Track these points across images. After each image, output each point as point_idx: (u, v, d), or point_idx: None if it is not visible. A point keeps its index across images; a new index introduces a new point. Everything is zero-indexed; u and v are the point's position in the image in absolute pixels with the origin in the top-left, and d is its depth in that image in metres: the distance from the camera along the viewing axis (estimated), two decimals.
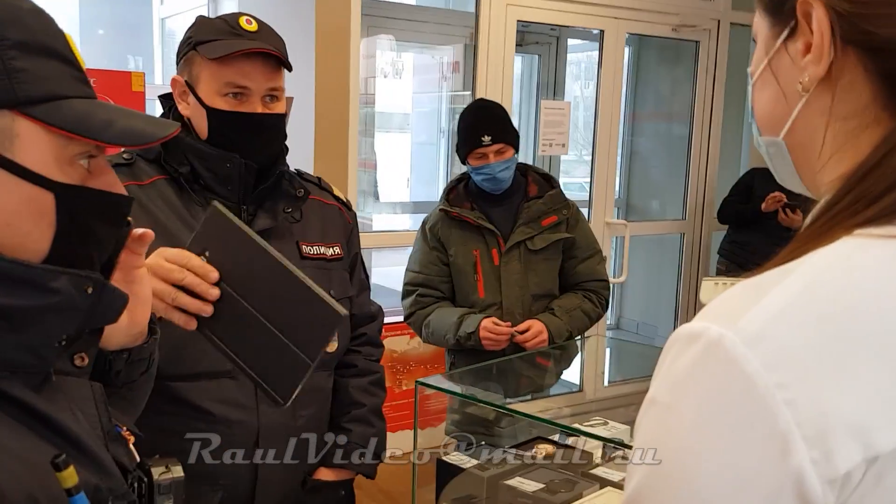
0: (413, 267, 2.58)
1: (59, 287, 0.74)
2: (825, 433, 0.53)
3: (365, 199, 4.96)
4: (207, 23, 1.52)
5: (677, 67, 5.46)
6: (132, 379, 0.97)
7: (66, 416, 0.77)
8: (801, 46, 0.66)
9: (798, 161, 0.70)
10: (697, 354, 0.57)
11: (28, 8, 0.75)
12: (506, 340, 2.38)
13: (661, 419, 0.59)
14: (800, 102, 0.67)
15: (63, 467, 0.70)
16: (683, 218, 5.11)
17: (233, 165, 1.50)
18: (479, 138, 2.41)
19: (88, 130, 0.75)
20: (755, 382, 0.54)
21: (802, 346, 0.55)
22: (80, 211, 0.77)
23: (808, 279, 0.58)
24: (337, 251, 1.66)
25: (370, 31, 4.45)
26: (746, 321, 0.56)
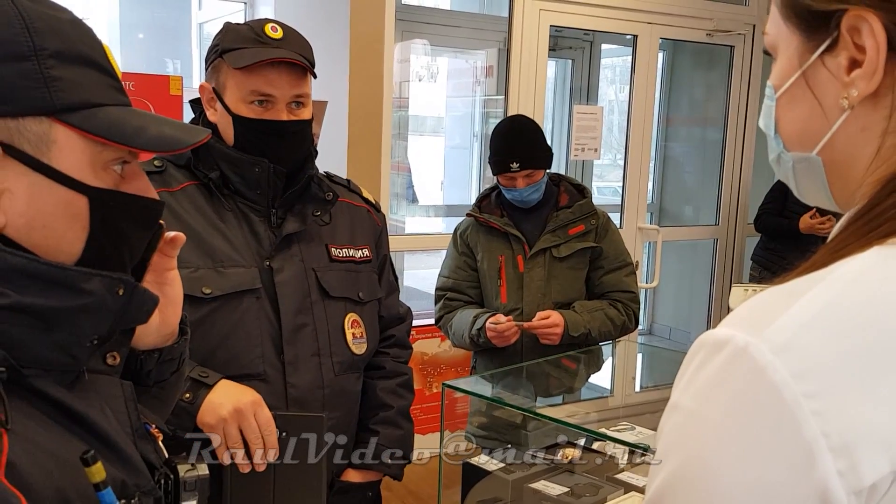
0: (444, 272, 2.61)
1: (92, 289, 0.76)
2: (852, 444, 0.52)
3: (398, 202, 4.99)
4: (234, 30, 1.53)
5: (711, 72, 5.42)
6: (163, 378, 0.99)
7: (96, 413, 0.80)
8: (844, 61, 0.64)
9: (833, 177, 0.68)
10: (724, 362, 0.57)
11: (67, 18, 0.79)
12: (513, 334, 2.37)
13: (685, 425, 0.59)
14: (841, 118, 0.65)
15: (91, 462, 0.72)
16: (717, 223, 5.07)
17: (261, 170, 1.52)
18: (507, 165, 2.42)
19: (122, 136, 0.78)
20: (782, 392, 0.53)
21: (831, 356, 0.54)
22: (113, 214, 0.79)
23: (838, 289, 0.57)
24: (366, 253, 1.68)
25: (404, 35, 4.49)
26: (775, 329, 0.55)
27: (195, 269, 1.46)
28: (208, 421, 1.38)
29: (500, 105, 4.30)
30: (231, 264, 1.51)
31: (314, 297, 1.56)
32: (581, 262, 2.49)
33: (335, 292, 1.59)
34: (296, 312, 1.54)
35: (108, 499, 0.73)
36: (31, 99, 0.73)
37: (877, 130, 0.63)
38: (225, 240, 1.52)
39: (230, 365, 1.47)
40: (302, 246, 1.58)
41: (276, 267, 1.54)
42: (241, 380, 1.46)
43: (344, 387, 1.60)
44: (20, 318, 0.73)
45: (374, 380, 1.71)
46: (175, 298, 0.96)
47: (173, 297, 0.96)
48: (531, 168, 2.42)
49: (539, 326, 2.36)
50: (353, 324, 1.62)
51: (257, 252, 1.54)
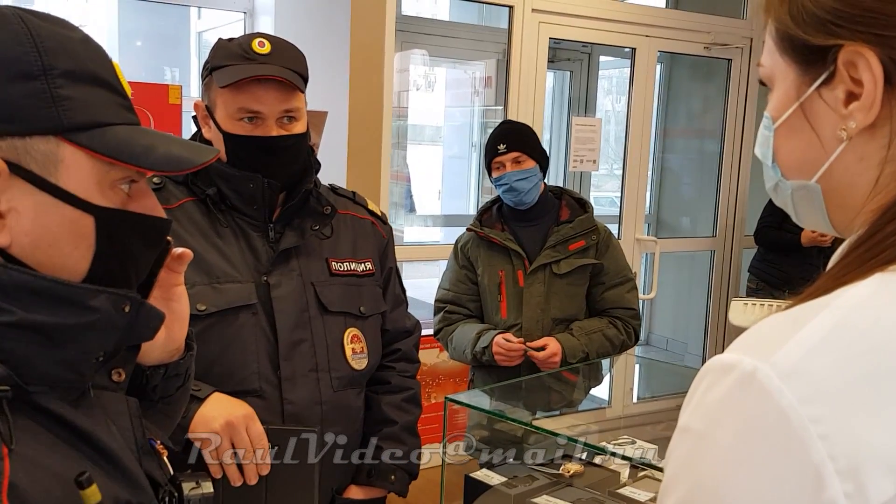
0: (444, 284, 2.62)
1: (98, 305, 0.76)
2: (858, 467, 0.53)
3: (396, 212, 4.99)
4: (223, 47, 1.52)
5: (709, 85, 5.44)
6: (169, 394, 0.99)
7: (101, 430, 0.79)
8: (841, 94, 0.65)
9: (832, 204, 0.70)
10: (731, 386, 0.58)
11: (78, 38, 0.79)
12: (518, 356, 2.37)
13: (695, 448, 0.60)
14: (839, 148, 0.66)
15: (87, 485, 0.71)
16: (714, 235, 5.08)
17: (256, 185, 1.52)
18: (495, 147, 2.45)
19: (130, 156, 0.77)
20: (789, 416, 0.55)
21: (836, 381, 0.55)
22: (119, 233, 0.79)
23: (841, 315, 0.58)
24: (368, 266, 1.67)
25: (404, 45, 4.49)
26: (782, 355, 0.57)
27: (191, 285, 1.44)
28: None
29: (499, 115, 4.31)
30: (227, 280, 1.50)
31: (312, 311, 1.55)
32: (581, 279, 2.49)
33: (334, 307, 1.58)
34: (293, 328, 1.53)
35: None
36: (39, 119, 0.73)
37: (874, 159, 0.65)
38: (221, 256, 1.51)
39: (226, 381, 1.46)
40: (301, 261, 1.57)
41: (273, 282, 1.53)
42: (236, 396, 1.46)
43: (343, 402, 1.59)
44: (26, 335, 0.73)
45: (380, 394, 1.70)
46: (181, 314, 0.97)
47: (180, 313, 0.96)
48: (518, 151, 2.43)
49: (536, 357, 2.36)
50: (353, 339, 1.61)
51: (255, 267, 1.53)
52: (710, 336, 5.13)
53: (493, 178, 2.50)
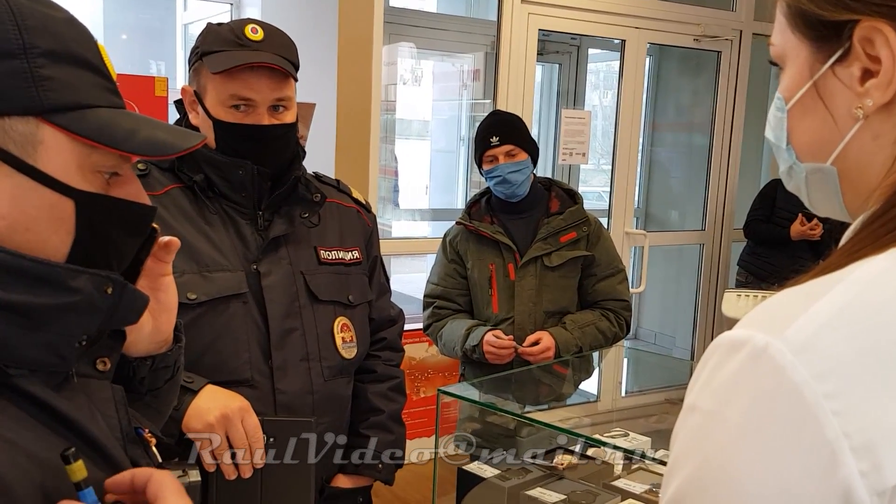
0: (433, 279, 2.59)
1: (79, 286, 0.74)
2: (874, 445, 0.52)
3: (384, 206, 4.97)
4: (214, 32, 1.49)
5: (698, 78, 5.44)
6: (157, 386, 0.97)
7: (84, 416, 0.78)
8: (857, 72, 0.64)
9: (846, 185, 0.68)
10: (742, 362, 0.56)
11: (62, 17, 0.76)
12: (509, 354, 2.36)
13: (704, 426, 0.58)
14: (854, 127, 0.65)
15: (73, 460, 0.70)
16: (703, 229, 5.08)
17: (245, 172, 1.49)
18: (488, 140, 2.42)
19: (111, 139, 0.75)
20: (803, 392, 0.53)
21: (851, 356, 0.54)
22: (100, 219, 0.77)
23: (856, 290, 0.57)
24: (356, 255, 1.65)
25: (391, 38, 4.47)
26: (794, 330, 0.55)
27: (180, 274, 1.41)
28: (194, 427, 1.35)
29: (488, 109, 4.29)
30: (217, 268, 1.47)
31: (302, 300, 1.53)
32: (573, 271, 2.47)
33: (324, 296, 1.56)
34: (284, 317, 1.51)
35: (90, 499, 0.71)
36: (18, 98, 0.71)
37: (889, 138, 0.64)
38: (210, 244, 1.49)
39: (217, 371, 1.44)
40: (290, 249, 1.55)
41: (264, 270, 1.51)
42: (228, 386, 1.43)
43: (334, 391, 1.57)
44: (5, 317, 0.71)
45: (365, 384, 1.69)
46: (169, 305, 0.94)
47: (167, 304, 0.94)
48: (511, 144, 2.41)
49: (531, 353, 2.35)
50: (343, 327, 1.59)
51: (244, 256, 1.51)
52: (698, 330, 5.14)
53: (484, 171, 2.47)
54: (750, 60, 4.91)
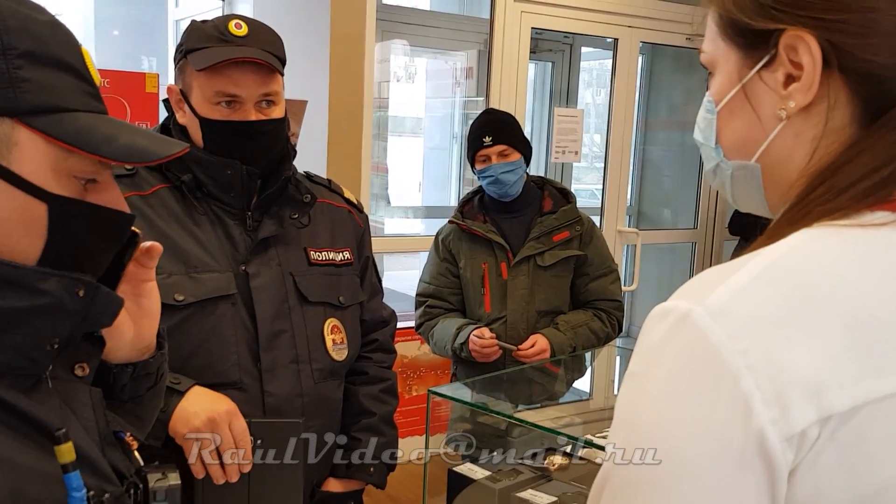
0: (425, 278, 2.58)
1: (48, 289, 0.73)
2: (781, 394, 0.57)
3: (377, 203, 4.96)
4: (198, 29, 1.47)
5: (691, 76, 5.44)
6: (138, 394, 0.95)
7: (55, 419, 0.76)
8: (781, 76, 0.69)
9: (768, 181, 0.74)
10: (668, 327, 0.62)
11: (44, 20, 0.75)
12: (494, 352, 2.35)
13: (636, 387, 0.64)
14: (777, 127, 0.71)
15: (63, 440, 0.70)
16: (695, 227, 5.09)
17: (234, 172, 1.47)
18: (480, 139, 2.41)
19: (88, 144, 0.74)
20: (720, 351, 0.59)
21: (762, 317, 0.60)
22: (74, 224, 0.76)
23: (769, 260, 0.64)
24: (346, 256, 1.64)
25: (384, 35, 4.45)
26: (714, 297, 0.61)
27: (167, 275, 1.41)
28: (181, 431, 1.34)
29: (481, 106, 4.28)
30: (205, 269, 1.46)
31: (292, 302, 1.52)
32: (565, 271, 2.47)
33: (314, 297, 1.55)
34: (273, 318, 1.49)
35: (75, 482, 0.71)
36: None
37: (808, 136, 0.70)
38: (199, 244, 1.47)
39: (205, 373, 1.42)
40: (279, 250, 1.54)
41: (252, 272, 1.49)
42: (216, 388, 1.42)
43: (324, 394, 1.56)
44: None
45: (357, 385, 1.68)
46: (151, 311, 0.93)
47: (149, 310, 0.92)
48: (504, 144, 2.40)
49: (526, 356, 2.35)
50: (333, 329, 1.58)
51: (232, 257, 1.49)
52: None
53: (477, 170, 2.47)
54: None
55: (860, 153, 0.66)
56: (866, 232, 0.64)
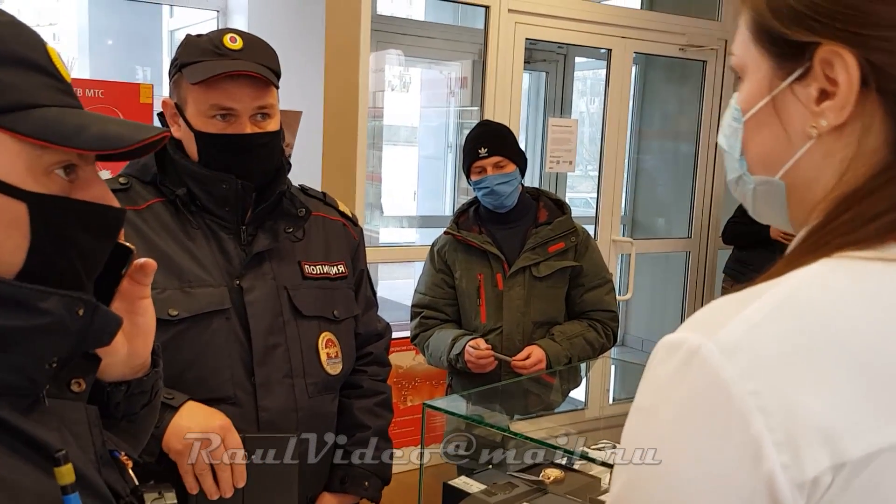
0: (420, 289, 2.58)
1: (49, 308, 0.72)
2: (794, 438, 0.55)
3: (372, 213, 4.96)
4: (193, 43, 1.48)
5: (684, 86, 5.46)
6: (133, 412, 0.93)
7: (54, 438, 0.75)
8: (814, 92, 0.65)
9: (792, 199, 0.71)
10: (678, 362, 0.59)
11: (4, 20, 0.74)
12: (490, 363, 2.35)
13: (643, 422, 0.62)
14: (806, 144, 0.67)
15: (63, 462, 0.69)
16: (689, 236, 5.10)
17: (229, 186, 1.47)
18: (476, 151, 2.42)
19: (58, 136, 0.72)
20: (731, 390, 0.56)
21: (776, 356, 0.57)
22: (58, 222, 0.74)
23: (784, 294, 0.60)
24: (341, 269, 1.64)
25: (379, 45, 4.46)
26: (725, 332, 0.58)
27: (162, 290, 1.40)
28: (174, 446, 1.33)
29: (475, 116, 4.29)
30: (199, 284, 1.46)
31: (286, 316, 1.52)
32: (561, 281, 2.47)
33: (308, 311, 1.55)
34: (267, 333, 1.49)
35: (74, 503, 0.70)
36: None
37: (838, 156, 0.66)
38: (193, 259, 1.47)
39: (199, 388, 1.42)
40: (273, 264, 1.53)
41: (247, 286, 1.49)
42: (210, 403, 1.41)
43: (318, 408, 1.56)
44: None
45: (352, 399, 1.67)
46: (146, 329, 0.91)
47: (144, 328, 0.91)
48: (500, 155, 2.41)
49: (523, 366, 2.34)
50: (328, 343, 1.58)
51: (227, 271, 1.49)
52: None
53: (472, 182, 2.47)
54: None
55: (890, 181, 0.63)
56: (890, 267, 0.60)
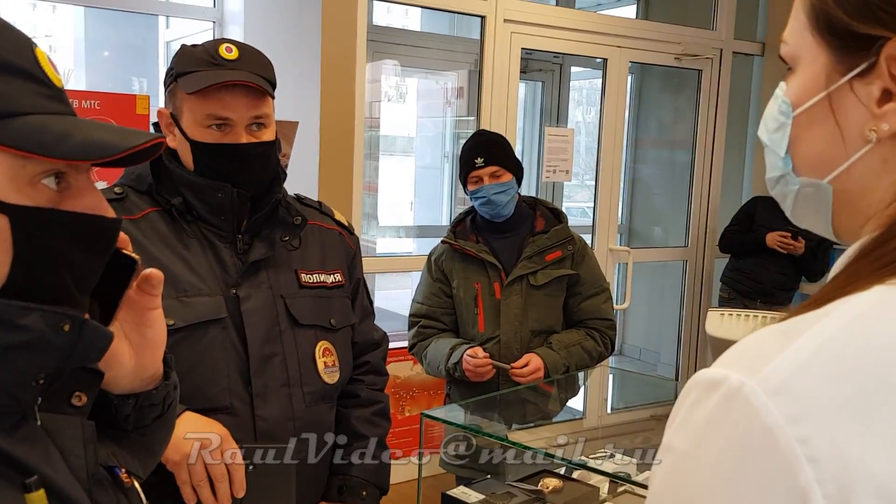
0: (417, 298, 2.58)
1: (30, 324, 0.69)
2: (847, 493, 0.50)
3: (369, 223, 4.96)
4: (188, 52, 1.47)
5: (680, 95, 5.48)
6: (143, 424, 0.90)
7: (37, 457, 0.72)
8: (876, 91, 0.59)
9: (841, 206, 0.64)
10: (718, 403, 0.54)
11: None
12: (487, 372, 2.35)
13: (679, 467, 0.57)
14: (863, 149, 0.60)
15: (34, 489, 0.67)
16: (686, 245, 5.10)
17: (224, 195, 1.47)
18: (472, 161, 2.42)
19: (39, 146, 0.68)
20: (776, 436, 0.51)
21: (827, 399, 0.52)
22: (44, 235, 0.70)
23: (834, 330, 0.54)
24: (338, 278, 1.63)
25: (375, 56, 4.47)
26: (770, 370, 0.53)
27: None
28: (172, 457, 1.32)
29: (472, 126, 4.29)
30: (195, 293, 1.45)
31: (283, 325, 1.51)
32: (558, 290, 2.47)
33: (305, 320, 1.54)
34: (263, 342, 1.48)
35: None
36: None
37: None
38: (189, 268, 1.46)
39: (195, 398, 1.41)
40: (270, 273, 1.53)
41: (243, 295, 1.48)
42: (207, 413, 1.40)
43: (316, 418, 1.55)
44: None
45: (349, 409, 1.66)
46: (155, 341, 0.87)
47: (153, 340, 0.87)
48: (496, 165, 2.41)
49: (521, 375, 2.34)
50: (325, 352, 1.57)
51: (223, 280, 1.48)
52: (683, 345, 5.15)
53: (469, 191, 2.48)
54: (730, 79, 4.95)
55: None
56: None
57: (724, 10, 4.89)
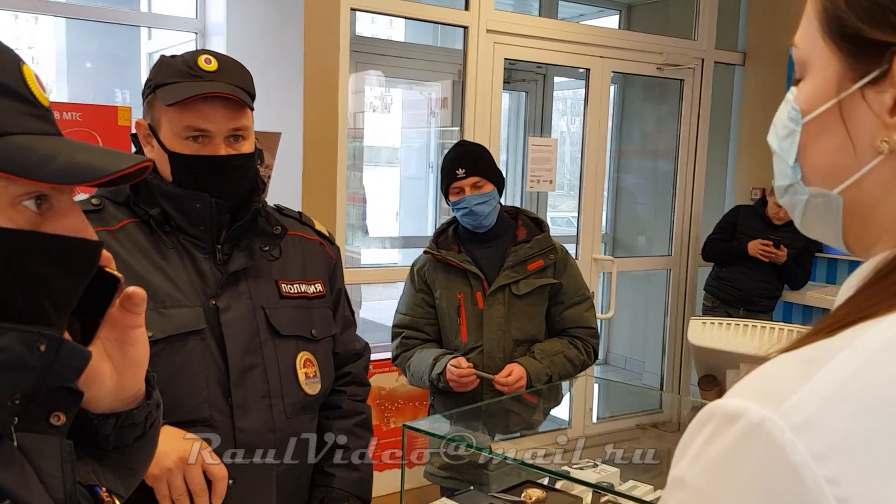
0: (401, 309, 2.57)
1: (5, 344, 0.67)
2: None
3: (353, 234, 4.95)
4: (167, 64, 1.47)
5: (662, 105, 5.52)
6: (124, 443, 0.88)
7: (11, 478, 0.71)
8: (888, 100, 0.56)
9: (852, 218, 0.61)
10: (737, 438, 0.51)
11: None
12: (472, 381, 2.34)
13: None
14: (874, 161, 0.58)
15: None
16: (669, 254, 5.12)
17: (203, 205, 1.46)
18: (454, 172, 2.43)
19: (21, 168, 0.67)
20: (803, 475, 0.48)
21: (857, 436, 0.48)
22: (22, 258, 0.69)
23: (862, 359, 0.51)
24: (318, 288, 1.62)
25: (358, 66, 4.47)
26: (794, 403, 0.49)
27: None
28: (152, 472, 1.30)
29: (456, 136, 4.30)
30: (173, 305, 1.44)
31: (263, 336, 1.50)
32: (541, 299, 2.47)
33: (286, 330, 1.53)
34: (244, 353, 1.47)
35: None
36: None
37: None
38: (167, 279, 1.45)
39: (175, 410, 1.38)
40: (250, 283, 1.52)
41: (223, 306, 1.47)
42: (186, 426, 1.38)
43: (297, 429, 1.54)
44: None
45: (331, 420, 1.65)
46: (137, 360, 0.85)
47: (135, 358, 0.85)
48: (477, 175, 2.42)
49: (505, 384, 2.34)
50: (306, 363, 1.56)
51: (202, 291, 1.47)
52: (667, 353, 5.16)
53: (451, 202, 2.48)
54: (712, 88, 4.99)
55: None
56: None
57: (705, 21, 4.93)
